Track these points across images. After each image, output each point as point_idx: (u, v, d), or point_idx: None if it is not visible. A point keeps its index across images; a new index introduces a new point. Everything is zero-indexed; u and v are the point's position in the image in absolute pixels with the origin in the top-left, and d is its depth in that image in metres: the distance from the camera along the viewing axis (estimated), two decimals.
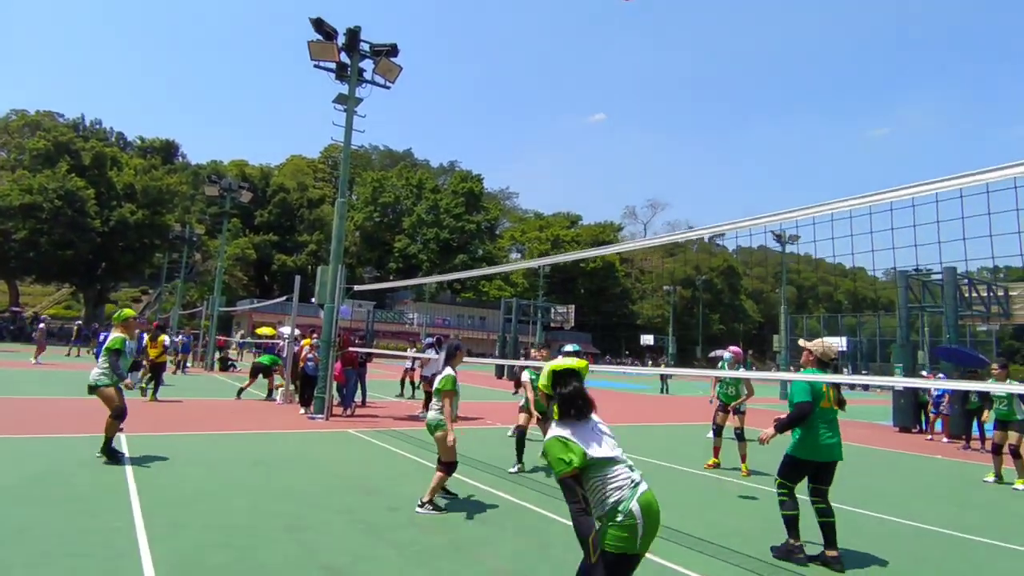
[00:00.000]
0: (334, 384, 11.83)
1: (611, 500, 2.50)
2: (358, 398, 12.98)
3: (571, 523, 2.52)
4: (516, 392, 12.19)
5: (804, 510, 4.74)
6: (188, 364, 22.31)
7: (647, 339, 62.99)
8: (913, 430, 15.66)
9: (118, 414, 6.50)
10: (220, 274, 29.11)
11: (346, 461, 7.62)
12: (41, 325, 24.05)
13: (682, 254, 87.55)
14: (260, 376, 14.60)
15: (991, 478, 8.68)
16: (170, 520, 4.63)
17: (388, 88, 13.81)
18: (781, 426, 4.65)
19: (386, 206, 72.31)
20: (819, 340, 4.91)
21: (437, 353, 13.11)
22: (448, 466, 5.50)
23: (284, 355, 14.27)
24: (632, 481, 2.56)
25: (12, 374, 16.36)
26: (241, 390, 13.89)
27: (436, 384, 5.73)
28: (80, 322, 36.02)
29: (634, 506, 2.46)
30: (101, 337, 17.73)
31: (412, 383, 17.79)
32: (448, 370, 5.71)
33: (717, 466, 8.44)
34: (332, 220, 13.26)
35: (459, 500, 5.86)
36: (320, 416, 11.18)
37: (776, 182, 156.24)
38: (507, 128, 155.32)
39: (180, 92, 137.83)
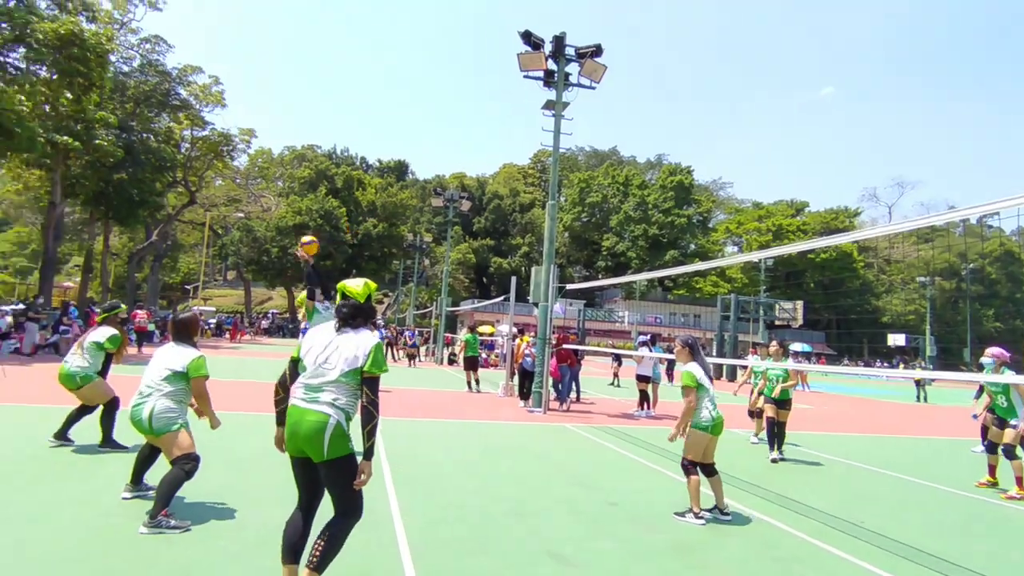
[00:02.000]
0: (550, 380, 12.27)
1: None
2: (573, 395, 13.29)
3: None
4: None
5: None
6: (419, 358, 25.03)
7: (896, 338, 54.64)
8: None
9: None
10: (446, 277, 32.03)
11: (564, 454, 7.84)
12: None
13: (941, 239, 74.25)
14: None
15: None
16: (415, 494, 5.20)
17: (593, 88, 13.97)
18: None
19: (593, 205, 73.09)
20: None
21: (650, 351, 12.90)
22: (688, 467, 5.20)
23: (504, 352, 15.19)
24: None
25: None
26: (475, 381, 14.97)
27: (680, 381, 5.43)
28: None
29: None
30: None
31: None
32: (690, 365, 5.36)
33: (993, 485, 7.03)
34: (543, 223, 13.79)
35: (681, 502, 5.66)
36: (538, 410, 11.68)
37: None
38: (718, 114, 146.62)
39: (408, 116, 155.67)
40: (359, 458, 2.94)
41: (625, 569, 3.88)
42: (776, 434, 8.03)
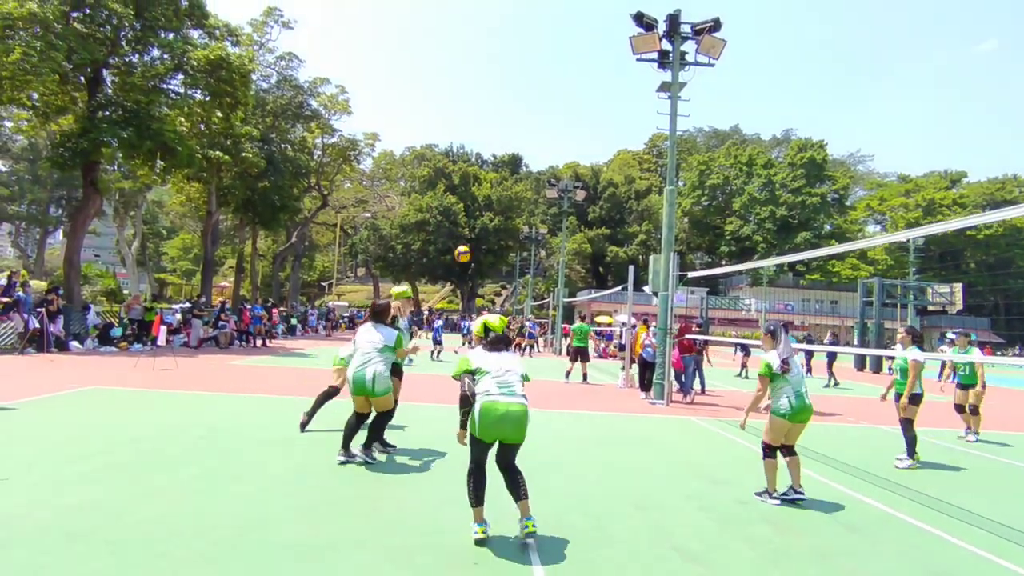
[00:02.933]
0: (672, 371, 11.91)
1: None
2: (697, 386, 12.81)
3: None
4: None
5: None
6: (538, 349, 25.30)
7: None
8: None
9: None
10: (562, 268, 32.06)
11: (689, 447, 7.59)
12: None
13: None
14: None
15: None
16: (538, 485, 5.26)
17: (712, 65, 13.27)
18: None
19: (714, 188, 69.77)
20: None
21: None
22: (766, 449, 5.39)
23: (623, 342, 14.93)
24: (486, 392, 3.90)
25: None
26: (583, 374, 14.94)
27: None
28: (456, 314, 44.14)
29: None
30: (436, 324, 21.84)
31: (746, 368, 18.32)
32: (769, 354, 5.34)
33: None
34: (660, 209, 13.40)
35: (823, 503, 5.28)
36: (660, 402, 11.38)
37: None
38: (852, 81, 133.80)
39: (521, 109, 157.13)
40: None
41: (760, 572, 3.69)
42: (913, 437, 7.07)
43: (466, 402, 3.99)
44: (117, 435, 6.23)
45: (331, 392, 6.83)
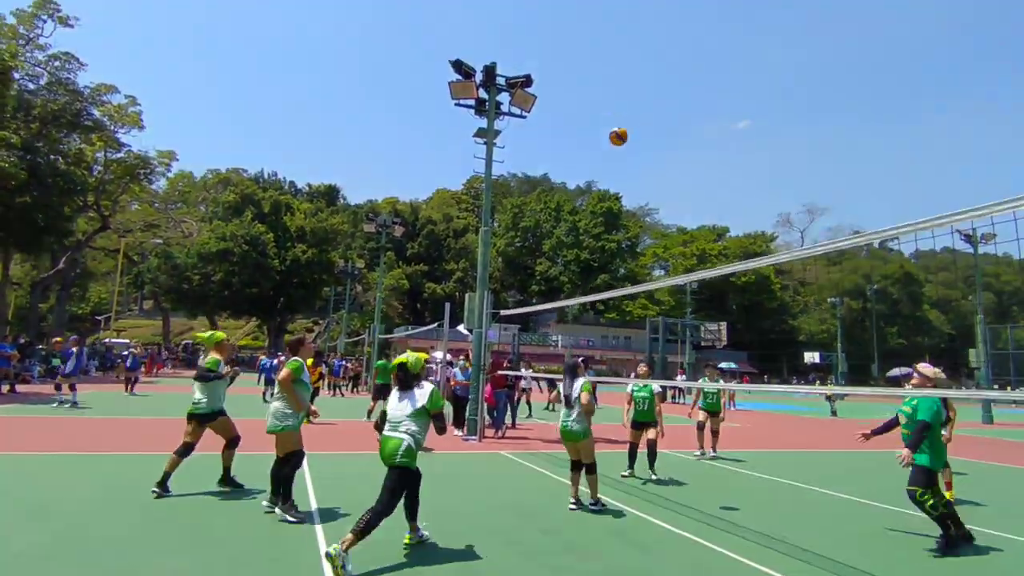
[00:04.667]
0: (484, 406, 12.16)
1: None
2: (509, 420, 13.21)
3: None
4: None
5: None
6: (348, 388, 24.39)
7: (811, 356, 57.72)
8: None
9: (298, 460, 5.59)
10: (379, 304, 31.45)
11: (499, 482, 7.74)
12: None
13: (848, 262, 79.72)
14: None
15: None
16: (344, 529, 4.97)
17: (524, 118, 14.22)
18: (914, 444, 5.29)
19: (526, 230, 74.03)
20: (928, 367, 5.81)
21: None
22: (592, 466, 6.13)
23: (438, 379, 14.93)
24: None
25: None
26: (370, 412, 14.31)
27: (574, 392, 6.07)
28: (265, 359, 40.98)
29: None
30: (266, 364, 19.98)
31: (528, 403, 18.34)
32: (583, 379, 6.22)
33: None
34: (476, 248, 13.80)
35: (614, 525, 5.68)
36: (473, 438, 11.52)
37: (964, 174, 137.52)
38: (644, 143, 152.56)
39: (338, 141, 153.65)
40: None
41: None
42: (644, 454, 8.25)
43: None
44: None
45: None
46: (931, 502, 5.21)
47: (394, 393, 4.77)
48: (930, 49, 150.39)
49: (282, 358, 7.01)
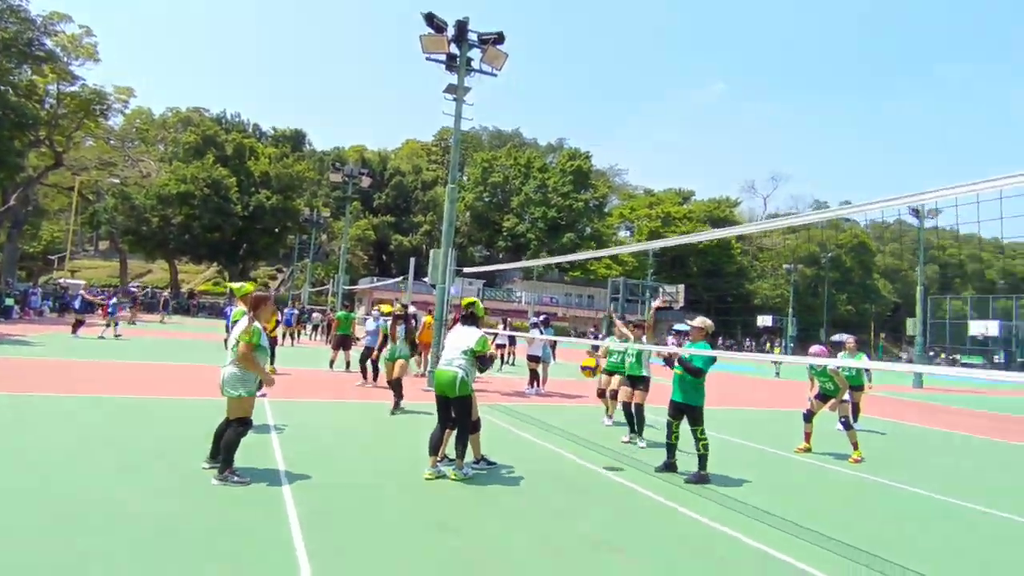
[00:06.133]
0: None
1: None
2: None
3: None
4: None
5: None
6: (300, 336, 25.00)
7: (765, 320, 59.92)
8: None
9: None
10: (344, 254, 31.42)
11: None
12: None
13: (805, 231, 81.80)
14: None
15: None
16: (306, 471, 5.40)
17: (495, 76, 14.24)
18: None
19: (495, 186, 73.68)
20: (702, 319, 6.58)
21: (541, 333, 13.59)
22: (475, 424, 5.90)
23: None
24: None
25: (189, 343, 18.86)
26: (332, 362, 14.65)
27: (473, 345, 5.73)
28: (165, 293, 40.81)
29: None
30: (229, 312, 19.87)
31: (502, 359, 19.06)
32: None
33: (808, 451, 8.27)
34: (445, 202, 13.98)
35: (558, 471, 6.24)
36: (432, 389, 12.01)
37: (920, 150, 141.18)
38: (617, 103, 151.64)
39: (307, 83, 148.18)
40: None
41: (507, 532, 4.36)
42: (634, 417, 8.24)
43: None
44: None
45: None
46: (702, 442, 6.19)
47: (454, 330, 5.93)
48: (905, 24, 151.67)
49: (238, 309, 6.86)
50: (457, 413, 5.60)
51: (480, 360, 5.69)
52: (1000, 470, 8.58)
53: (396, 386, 9.17)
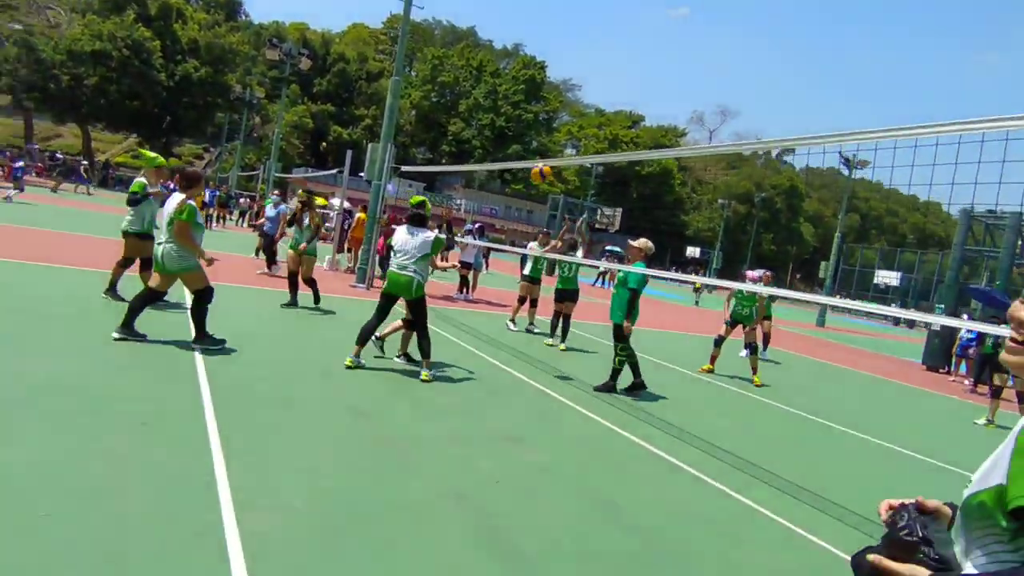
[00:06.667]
0: (377, 257, 12.55)
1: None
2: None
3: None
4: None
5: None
6: (226, 221, 24.25)
7: (693, 252, 62.18)
8: (941, 370, 15.66)
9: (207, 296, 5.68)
10: (277, 140, 29.80)
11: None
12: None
13: (745, 168, 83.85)
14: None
15: (982, 420, 8.79)
16: (223, 359, 5.41)
17: None
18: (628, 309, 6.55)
19: (444, 86, 70.54)
20: (644, 240, 6.79)
21: (475, 240, 13.65)
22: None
23: (333, 225, 14.97)
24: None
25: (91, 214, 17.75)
26: (257, 250, 13.86)
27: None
28: (85, 162, 37.91)
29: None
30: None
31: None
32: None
33: (710, 372, 8.95)
34: (388, 95, 13.37)
35: (476, 372, 6.51)
36: (362, 285, 12.00)
37: (863, 99, 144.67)
38: (580, 14, 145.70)
39: None
40: None
41: (416, 422, 4.58)
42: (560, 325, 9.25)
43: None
44: None
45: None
46: (619, 357, 6.57)
47: (403, 230, 5.91)
48: None
49: (139, 180, 6.75)
50: (414, 313, 5.91)
51: (432, 263, 6.16)
52: (866, 399, 9.62)
53: (311, 283, 8.88)
